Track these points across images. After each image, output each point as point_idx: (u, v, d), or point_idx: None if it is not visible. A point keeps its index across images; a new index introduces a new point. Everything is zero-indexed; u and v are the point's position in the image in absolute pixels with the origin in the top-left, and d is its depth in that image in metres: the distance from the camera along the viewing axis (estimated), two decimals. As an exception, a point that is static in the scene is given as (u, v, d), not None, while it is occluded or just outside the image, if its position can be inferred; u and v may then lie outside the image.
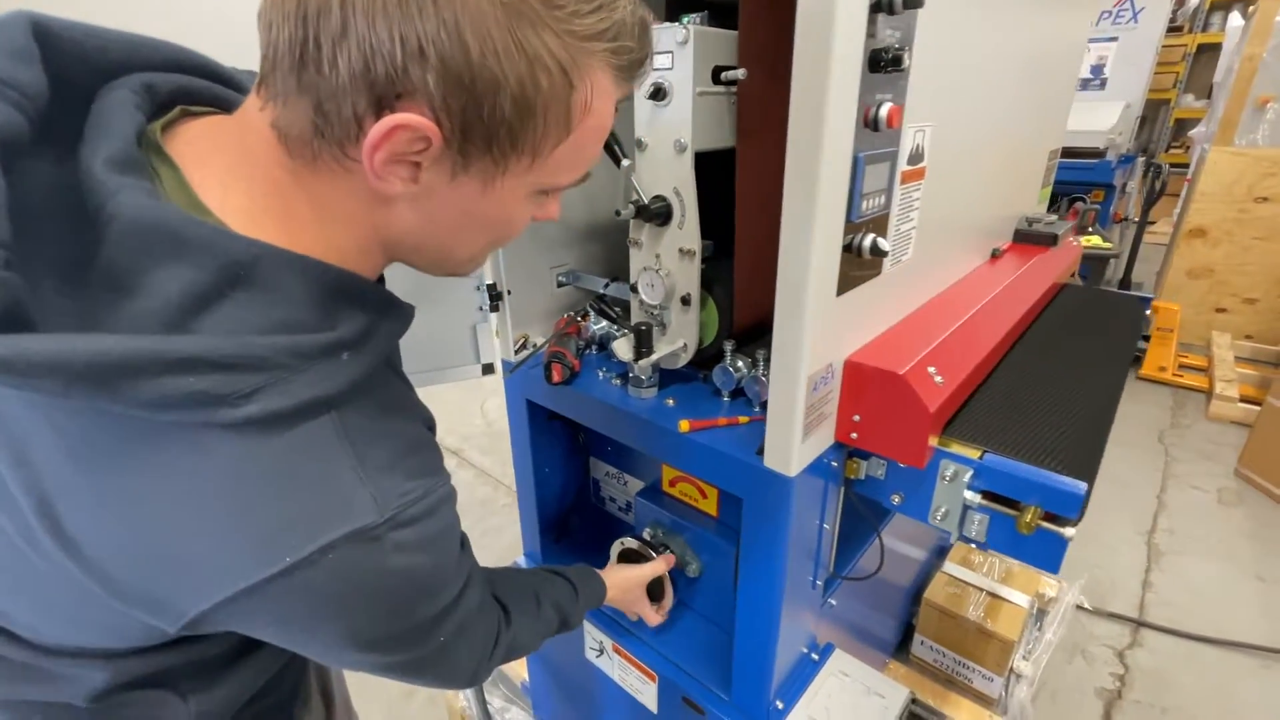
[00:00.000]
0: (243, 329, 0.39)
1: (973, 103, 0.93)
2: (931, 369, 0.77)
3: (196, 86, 0.48)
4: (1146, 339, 3.48)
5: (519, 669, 1.50)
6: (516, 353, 1.08)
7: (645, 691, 1.08)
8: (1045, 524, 0.72)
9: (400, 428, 0.47)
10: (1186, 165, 5.32)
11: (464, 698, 1.56)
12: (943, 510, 0.80)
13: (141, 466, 0.38)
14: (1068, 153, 3.55)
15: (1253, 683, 1.68)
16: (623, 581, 0.94)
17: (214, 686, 0.55)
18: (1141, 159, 4.33)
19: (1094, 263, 3.12)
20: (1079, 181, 3.49)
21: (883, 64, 0.64)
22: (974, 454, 0.78)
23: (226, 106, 0.48)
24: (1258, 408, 2.66)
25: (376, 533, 0.42)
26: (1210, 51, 5.59)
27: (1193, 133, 5.03)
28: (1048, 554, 0.73)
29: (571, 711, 1.36)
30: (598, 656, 1.15)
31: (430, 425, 0.54)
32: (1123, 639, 1.82)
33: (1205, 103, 5.60)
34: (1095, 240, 3.04)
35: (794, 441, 0.73)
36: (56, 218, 0.38)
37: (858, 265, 0.73)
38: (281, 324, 0.40)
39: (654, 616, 1.01)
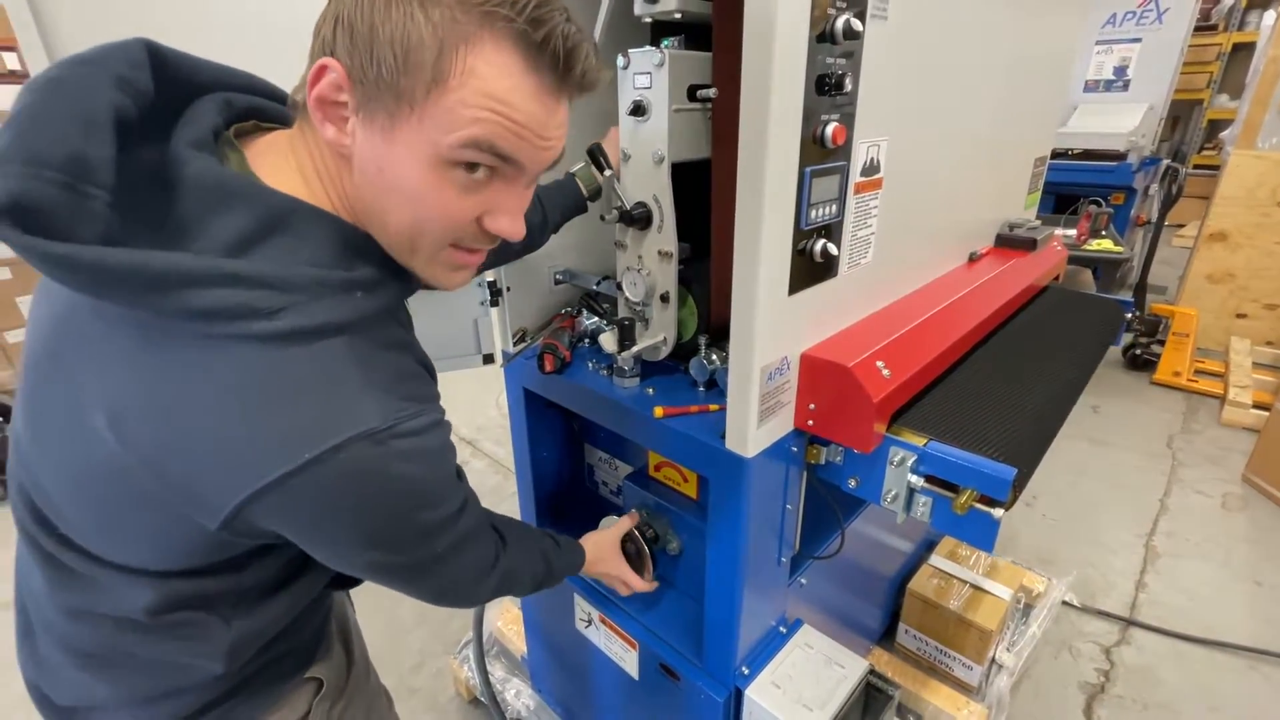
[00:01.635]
0: (280, 262, 0.49)
1: (938, 115, 0.99)
2: (880, 363, 0.84)
3: (268, 107, 0.60)
4: (1161, 343, 3.45)
5: (518, 642, 1.60)
6: (515, 344, 1.18)
7: (627, 659, 1.16)
8: (978, 505, 0.78)
9: (398, 360, 0.56)
10: (1217, 167, 5.22)
11: (469, 669, 1.67)
12: (893, 493, 0.87)
13: (189, 372, 0.47)
14: (1087, 155, 3.53)
15: (1238, 682, 1.71)
16: (595, 542, 1.02)
17: (251, 614, 0.64)
18: (1165, 161, 4.27)
19: (1107, 266, 3.11)
20: (1099, 184, 3.47)
21: (827, 88, 0.72)
22: (920, 441, 0.85)
23: (288, 124, 0.60)
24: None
25: (381, 436, 0.50)
26: (1246, 51, 5.46)
27: (1224, 134, 4.92)
28: (981, 533, 0.80)
29: (566, 681, 1.45)
30: (586, 627, 1.24)
31: (429, 369, 0.62)
32: (1111, 636, 1.85)
33: (1239, 103, 5.47)
34: (1107, 244, 3.03)
35: (750, 425, 0.80)
36: (152, 185, 0.49)
37: (810, 268, 0.81)
38: (309, 262, 0.50)
39: (635, 578, 1.06)
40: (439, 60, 0.48)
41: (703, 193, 0.94)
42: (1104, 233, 3.11)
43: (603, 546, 1.04)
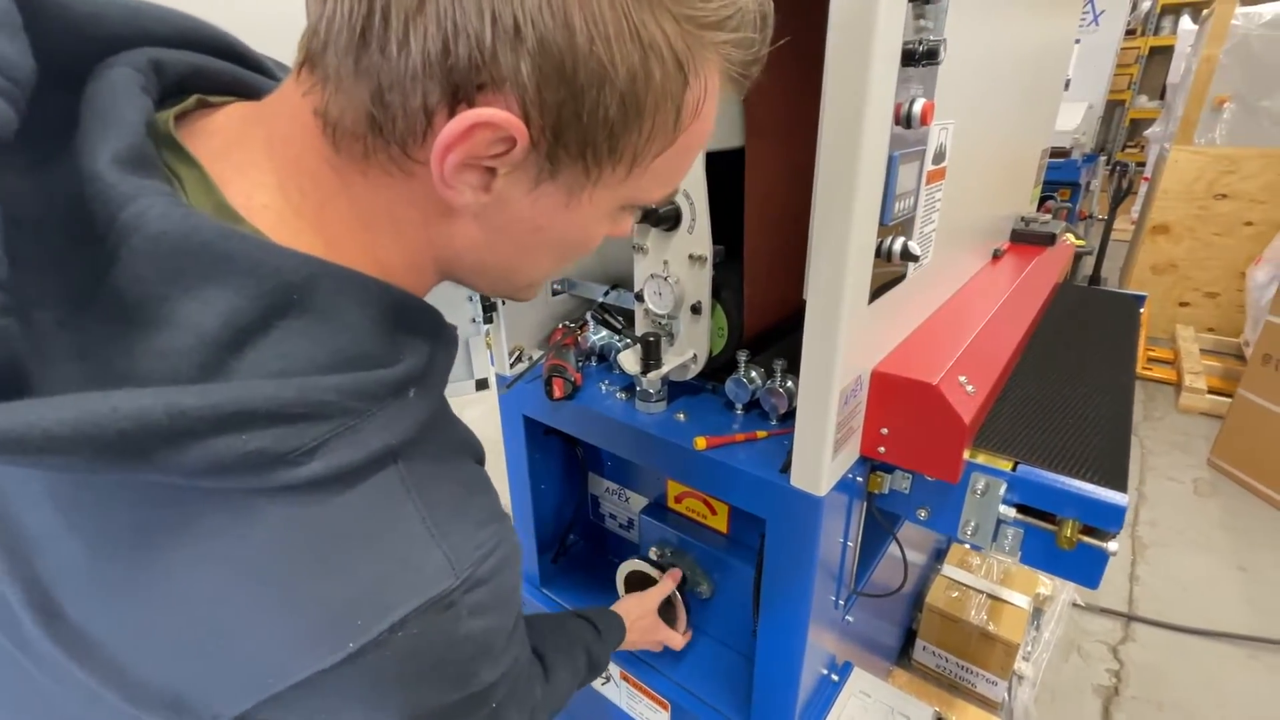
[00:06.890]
0: (295, 367, 0.32)
1: (985, 100, 0.90)
2: (962, 378, 0.73)
3: (214, 69, 0.40)
4: (1116, 334, 3.56)
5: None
6: (512, 366, 1.02)
7: (656, 720, 1.03)
8: (1085, 538, 0.69)
9: (461, 467, 0.41)
10: (1143, 164, 5.53)
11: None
12: (973, 525, 0.77)
13: (174, 541, 0.31)
14: (1037, 152, 3.63)
15: (1242, 672, 1.71)
16: (635, 611, 0.88)
17: None
18: (1103, 158, 4.45)
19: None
20: (1048, 180, 3.56)
21: (917, 57, 0.60)
22: (1005, 465, 0.75)
23: (250, 94, 0.40)
24: (1225, 399, 2.73)
25: (452, 598, 0.36)
26: (1162, 54, 5.78)
27: (1148, 132, 5.21)
28: (1088, 569, 0.70)
29: (573, 739, 1.29)
30: (604, 684, 1.09)
31: (480, 459, 0.47)
32: (1115, 634, 1.83)
33: (1159, 103, 5.80)
34: (1070, 238, 3.09)
35: (824, 459, 0.68)
36: (51, 233, 0.30)
37: (886, 270, 0.69)
38: (343, 359, 0.34)
39: (678, 639, 0.96)
40: (679, 116, 0.35)
41: (729, 188, 0.81)
42: (1063, 226, 3.18)
43: (643, 614, 0.90)
